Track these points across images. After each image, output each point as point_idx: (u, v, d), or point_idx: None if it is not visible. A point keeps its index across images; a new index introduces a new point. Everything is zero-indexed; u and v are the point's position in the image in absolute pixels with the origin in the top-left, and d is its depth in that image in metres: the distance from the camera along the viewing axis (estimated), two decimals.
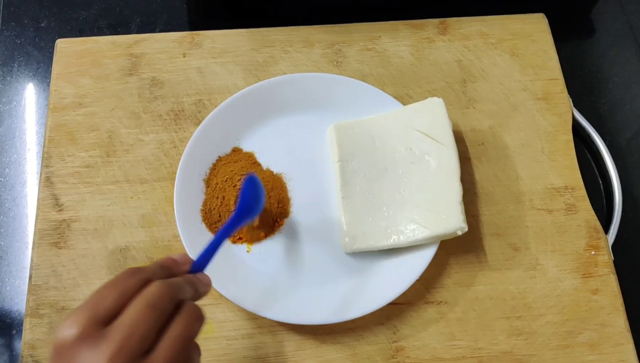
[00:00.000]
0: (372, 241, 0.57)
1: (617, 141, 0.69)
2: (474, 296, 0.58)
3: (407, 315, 0.57)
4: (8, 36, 0.73)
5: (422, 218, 0.57)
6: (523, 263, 0.60)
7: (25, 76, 0.71)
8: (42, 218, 0.60)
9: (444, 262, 0.59)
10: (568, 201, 0.62)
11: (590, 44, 0.75)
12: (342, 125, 0.62)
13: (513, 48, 0.70)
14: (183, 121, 0.65)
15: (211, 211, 0.59)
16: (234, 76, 0.67)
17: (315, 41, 0.69)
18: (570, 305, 0.58)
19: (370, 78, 0.67)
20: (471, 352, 0.56)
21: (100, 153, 0.63)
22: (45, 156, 0.63)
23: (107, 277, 0.58)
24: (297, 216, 0.60)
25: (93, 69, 0.67)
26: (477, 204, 0.62)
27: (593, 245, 0.60)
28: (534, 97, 0.67)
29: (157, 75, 0.67)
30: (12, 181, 0.65)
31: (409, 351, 0.56)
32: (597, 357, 0.56)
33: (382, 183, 0.60)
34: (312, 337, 0.56)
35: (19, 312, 0.59)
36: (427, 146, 0.60)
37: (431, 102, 0.61)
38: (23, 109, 0.69)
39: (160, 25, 0.74)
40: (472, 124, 0.66)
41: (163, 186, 0.62)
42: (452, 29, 0.71)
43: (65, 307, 0.56)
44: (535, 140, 0.65)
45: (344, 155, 0.61)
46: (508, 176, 0.63)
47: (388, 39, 0.70)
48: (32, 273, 0.58)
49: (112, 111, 0.65)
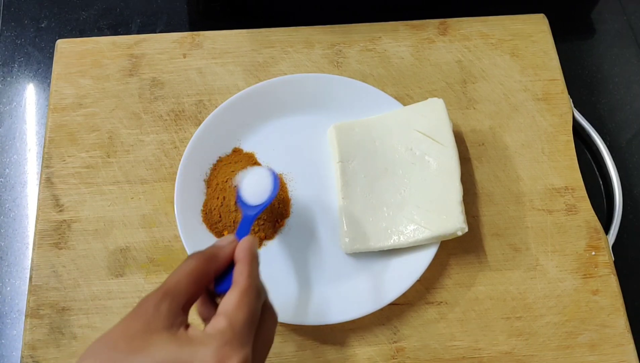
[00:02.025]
0: (372, 242, 0.57)
1: (618, 142, 0.69)
2: (474, 297, 0.58)
3: (407, 316, 0.57)
4: (8, 37, 0.73)
5: (423, 218, 0.57)
6: (523, 263, 0.60)
7: (25, 76, 0.71)
8: (43, 219, 0.60)
9: (444, 263, 0.59)
10: (568, 201, 0.62)
11: (591, 45, 0.75)
12: (343, 126, 0.62)
13: (513, 48, 0.70)
14: (183, 121, 0.65)
15: (212, 212, 0.59)
16: (235, 77, 0.67)
17: (315, 42, 0.69)
18: (571, 306, 0.58)
19: (370, 78, 0.67)
20: (471, 352, 0.56)
21: (101, 154, 0.63)
22: (45, 157, 0.63)
23: (108, 278, 0.58)
24: (297, 216, 0.60)
25: (93, 70, 0.67)
26: (477, 204, 0.62)
27: (593, 245, 0.61)
28: (534, 97, 0.67)
29: (157, 75, 0.67)
30: (12, 182, 0.65)
31: (409, 351, 0.56)
32: (597, 357, 0.56)
33: (382, 183, 0.60)
34: (313, 338, 0.56)
35: (19, 313, 0.59)
36: (428, 147, 0.60)
37: (431, 102, 0.61)
38: (23, 110, 0.69)
39: (161, 26, 0.74)
40: (473, 124, 0.66)
41: (163, 187, 0.62)
42: (453, 29, 0.71)
43: (66, 308, 0.57)
44: (536, 140, 0.65)
45: (345, 156, 0.61)
46: (508, 176, 0.63)
47: (388, 39, 0.70)
48: (32, 273, 0.58)
49: (113, 112, 0.65)
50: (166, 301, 0.37)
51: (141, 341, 0.35)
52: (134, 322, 0.36)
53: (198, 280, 0.39)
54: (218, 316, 0.37)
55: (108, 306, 0.57)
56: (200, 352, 0.34)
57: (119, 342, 0.35)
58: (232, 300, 0.38)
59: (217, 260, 0.41)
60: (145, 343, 0.35)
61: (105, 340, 0.35)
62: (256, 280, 0.40)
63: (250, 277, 0.39)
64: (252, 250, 0.42)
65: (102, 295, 0.57)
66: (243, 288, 0.38)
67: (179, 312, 0.37)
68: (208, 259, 0.40)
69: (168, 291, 0.37)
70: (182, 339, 0.35)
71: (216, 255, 0.41)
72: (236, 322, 0.37)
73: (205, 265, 0.40)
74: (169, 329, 0.36)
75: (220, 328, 0.36)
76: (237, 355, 0.35)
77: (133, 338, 0.35)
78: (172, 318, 0.36)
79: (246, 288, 0.38)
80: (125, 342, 0.35)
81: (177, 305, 0.37)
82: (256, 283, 0.40)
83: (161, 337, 0.35)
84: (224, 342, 0.35)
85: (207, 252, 0.41)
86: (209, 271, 0.40)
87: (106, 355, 0.34)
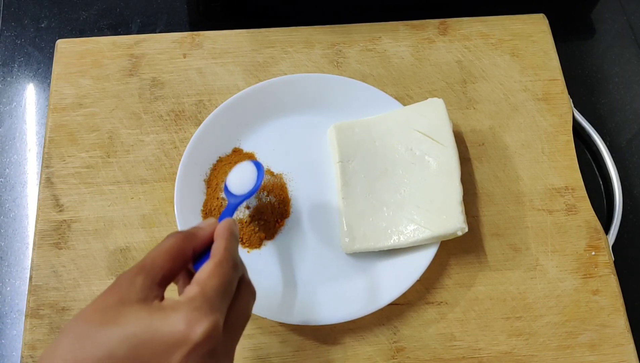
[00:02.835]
0: (372, 242, 0.57)
1: (618, 142, 0.69)
2: (474, 297, 0.58)
3: (407, 316, 0.57)
4: (8, 37, 0.73)
5: (423, 218, 0.57)
6: (523, 263, 0.60)
7: (25, 76, 0.71)
8: (43, 219, 0.60)
9: (444, 263, 0.59)
10: (568, 201, 0.62)
11: (591, 44, 0.75)
12: (343, 125, 0.62)
13: (513, 48, 0.70)
14: (183, 121, 0.65)
15: (212, 212, 0.59)
16: (235, 77, 0.67)
17: (315, 42, 0.69)
18: (571, 306, 0.58)
19: (370, 78, 0.67)
20: (471, 352, 0.56)
21: (101, 154, 0.63)
22: (45, 157, 0.63)
23: (108, 278, 0.58)
24: (297, 216, 0.60)
25: (93, 70, 0.67)
26: (477, 204, 0.62)
27: (593, 245, 0.61)
28: (534, 97, 0.67)
29: (157, 75, 0.67)
30: (12, 182, 0.65)
31: (409, 351, 0.56)
32: (597, 357, 0.56)
33: (382, 183, 0.60)
34: (313, 338, 0.56)
35: (19, 313, 0.59)
36: (428, 147, 0.60)
37: (431, 102, 0.61)
38: (23, 110, 0.69)
39: (161, 26, 0.74)
40: (473, 124, 0.66)
41: (163, 187, 0.62)
42: (453, 29, 0.71)
43: (66, 308, 0.57)
44: (536, 140, 0.65)
45: (345, 156, 0.61)
46: (508, 176, 0.63)
47: (388, 39, 0.70)
48: (32, 273, 0.58)
49: (113, 112, 0.65)
50: (141, 275, 0.37)
51: (114, 313, 0.35)
52: (109, 296, 0.36)
53: (175, 257, 0.39)
54: (191, 285, 0.37)
55: None
56: (170, 317, 0.35)
57: (93, 316, 0.35)
58: (206, 269, 0.38)
59: (195, 239, 0.41)
60: (118, 315, 0.35)
61: (81, 315, 0.36)
62: (233, 253, 0.40)
63: (227, 250, 0.40)
64: (231, 228, 0.42)
65: None
66: (218, 259, 0.39)
67: (154, 287, 0.37)
68: (186, 237, 0.41)
69: (143, 267, 0.38)
70: (153, 308, 0.36)
71: (195, 234, 0.42)
72: (207, 289, 0.37)
73: (183, 242, 0.40)
74: (142, 301, 0.36)
75: (191, 295, 0.36)
76: (207, 320, 0.35)
77: (106, 311, 0.35)
78: (146, 291, 0.36)
79: (221, 260, 0.39)
80: (99, 315, 0.35)
81: (151, 280, 0.37)
82: (233, 256, 0.40)
83: (133, 308, 0.35)
84: (194, 307, 0.35)
85: (186, 231, 0.41)
86: (186, 248, 0.40)
87: (80, 330, 0.35)
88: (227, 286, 0.38)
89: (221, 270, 0.38)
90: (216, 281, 0.38)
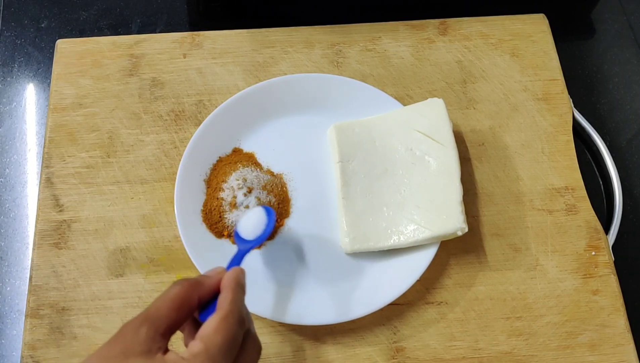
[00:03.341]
0: (372, 242, 0.57)
1: (618, 142, 0.69)
2: (474, 297, 0.58)
3: (407, 316, 0.57)
4: (8, 37, 0.73)
5: (423, 218, 0.57)
6: (523, 263, 0.60)
7: (25, 76, 0.71)
8: (43, 219, 0.60)
9: (444, 263, 0.59)
10: (568, 201, 0.62)
11: (591, 44, 0.75)
12: (343, 125, 0.62)
13: (513, 48, 0.70)
14: (183, 121, 0.65)
15: (212, 212, 0.59)
16: (234, 77, 0.67)
17: (315, 42, 0.69)
18: (571, 306, 0.58)
19: (370, 79, 0.67)
20: (471, 352, 0.56)
21: (101, 154, 0.63)
22: (45, 157, 0.63)
23: (108, 278, 0.58)
24: (297, 216, 0.60)
25: (93, 70, 0.67)
26: (477, 204, 0.62)
27: (593, 245, 0.60)
28: (534, 97, 0.67)
29: (157, 75, 0.67)
30: (12, 182, 0.65)
31: (409, 352, 0.56)
32: (597, 357, 0.56)
33: (382, 183, 0.60)
34: (313, 338, 0.56)
35: (19, 313, 0.59)
36: (428, 147, 0.60)
37: (431, 102, 0.61)
38: (23, 110, 0.69)
39: (161, 26, 0.74)
40: (473, 124, 0.66)
41: (163, 187, 0.62)
42: (453, 29, 0.71)
43: (66, 308, 0.57)
44: (536, 140, 0.65)
45: (345, 156, 0.61)
46: (508, 176, 0.63)
47: (388, 39, 0.70)
48: (32, 273, 0.58)
49: (113, 112, 0.65)
50: (145, 326, 0.37)
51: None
52: (113, 346, 0.36)
53: (180, 306, 0.39)
54: (195, 340, 0.37)
55: (108, 307, 0.57)
56: None
57: None
58: (211, 324, 0.38)
59: (201, 287, 0.41)
60: None
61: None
62: (239, 307, 0.40)
63: (233, 303, 0.39)
64: (238, 279, 0.42)
65: (102, 295, 0.57)
66: (224, 313, 0.38)
67: (158, 337, 0.37)
68: (192, 286, 0.40)
69: (148, 317, 0.37)
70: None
71: (201, 282, 0.41)
72: (212, 346, 0.37)
73: (189, 291, 0.40)
74: (146, 354, 0.36)
75: (195, 352, 0.36)
76: None
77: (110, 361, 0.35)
78: (149, 343, 0.36)
79: (227, 314, 0.39)
80: None
81: (155, 331, 0.37)
82: (239, 309, 0.40)
83: (136, 360, 0.35)
84: None
85: (193, 279, 0.41)
86: (191, 297, 0.40)
87: None
88: (232, 342, 0.38)
89: (226, 325, 0.38)
90: (220, 337, 0.37)
